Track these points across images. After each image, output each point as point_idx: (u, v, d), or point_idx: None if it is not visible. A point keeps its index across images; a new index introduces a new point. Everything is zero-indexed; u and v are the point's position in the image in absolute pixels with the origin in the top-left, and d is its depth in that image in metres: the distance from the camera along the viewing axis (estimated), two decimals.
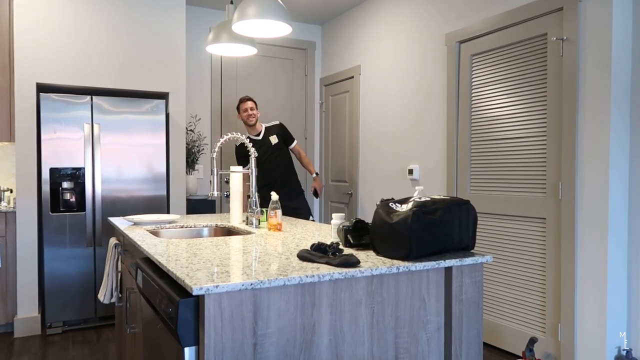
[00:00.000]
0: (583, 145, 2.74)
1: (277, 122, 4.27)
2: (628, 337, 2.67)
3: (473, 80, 3.45)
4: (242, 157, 4.14)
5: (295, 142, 4.31)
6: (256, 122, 4.11)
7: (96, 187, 3.68)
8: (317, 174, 4.31)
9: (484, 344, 3.34)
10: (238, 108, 4.13)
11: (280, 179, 4.12)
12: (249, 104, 4.09)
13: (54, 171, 3.56)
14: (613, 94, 2.61)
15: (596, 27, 2.66)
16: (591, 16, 2.69)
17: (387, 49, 4.31)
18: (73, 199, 3.61)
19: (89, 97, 3.65)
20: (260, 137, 4.13)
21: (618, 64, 2.62)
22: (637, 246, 2.64)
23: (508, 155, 3.20)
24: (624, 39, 2.63)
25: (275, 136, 4.15)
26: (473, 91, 3.45)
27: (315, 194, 4.34)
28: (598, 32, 2.66)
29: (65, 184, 3.60)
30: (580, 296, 2.76)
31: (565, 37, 2.81)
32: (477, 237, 3.41)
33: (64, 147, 3.59)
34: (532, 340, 2.82)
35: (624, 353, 2.63)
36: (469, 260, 1.64)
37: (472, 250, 1.76)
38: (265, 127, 4.18)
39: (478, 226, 3.39)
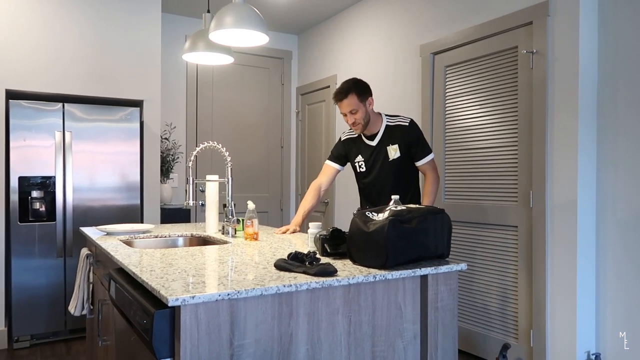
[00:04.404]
0: (552, 154, 2.82)
1: (407, 122, 2.64)
2: (596, 342, 2.74)
3: (447, 91, 3.51)
4: (340, 155, 2.80)
5: (428, 157, 2.66)
6: (365, 128, 2.62)
7: (67, 196, 3.60)
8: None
9: (459, 350, 3.37)
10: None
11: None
12: (345, 104, 2.55)
13: (23, 180, 3.47)
14: (580, 105, 2.70)
15: (564, 41, 2.75)
16: (559, 31, 2.77)
17: (362, 60, 4.35)
18: (43, 209, 3.52)
19: (60, 104, 3.58)
20: (375, 142, 2.65)
21: (585, 76, 2.71)
22: (604, 254, 2.71)
23: (481, 165, 3.26)
24: (590, 52, 2.73)
25: (397, 147, 2.61)
26: (447, 102, 3.51)
27: None
28: (566, 46, 2.74)
29: (35, 193, 3.51)
30: (551, 302, 2.82)
31: (535, 50, 2.89)
32: (452, 246, 3.45)
33: (34, 155, 3.50)
34: (505, 347, 2.87)
35: (593, 357, 2.69)
36: (444, 269, 1.67)
37: (447, 259, 1.79)
38: (387, 126, 2.64)
39: (453, 234, 3.44)
